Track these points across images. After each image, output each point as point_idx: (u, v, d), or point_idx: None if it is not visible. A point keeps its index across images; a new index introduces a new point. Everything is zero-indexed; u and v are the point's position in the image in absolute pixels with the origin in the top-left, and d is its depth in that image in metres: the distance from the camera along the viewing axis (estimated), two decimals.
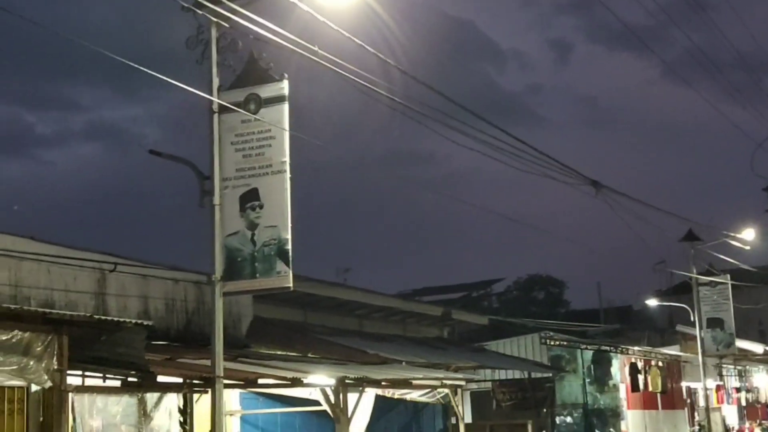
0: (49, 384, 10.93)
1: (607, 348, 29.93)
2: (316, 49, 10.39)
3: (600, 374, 29.85)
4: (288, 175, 11.47)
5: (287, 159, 11.50)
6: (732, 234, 30.91)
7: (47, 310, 11.50)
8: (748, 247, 31.25)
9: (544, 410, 27.93)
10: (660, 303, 40.63)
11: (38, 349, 10.85)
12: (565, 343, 29.63)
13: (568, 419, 29.19)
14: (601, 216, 33.16)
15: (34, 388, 11.08)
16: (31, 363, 10.75)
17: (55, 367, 10.99)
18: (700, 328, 33.24)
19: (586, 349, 29.74)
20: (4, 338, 10.55)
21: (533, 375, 28.23)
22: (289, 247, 11.35)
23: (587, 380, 29.63)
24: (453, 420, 20.63)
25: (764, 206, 34.27)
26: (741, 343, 35.99)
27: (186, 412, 13.60)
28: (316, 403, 16.23)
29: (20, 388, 11.00)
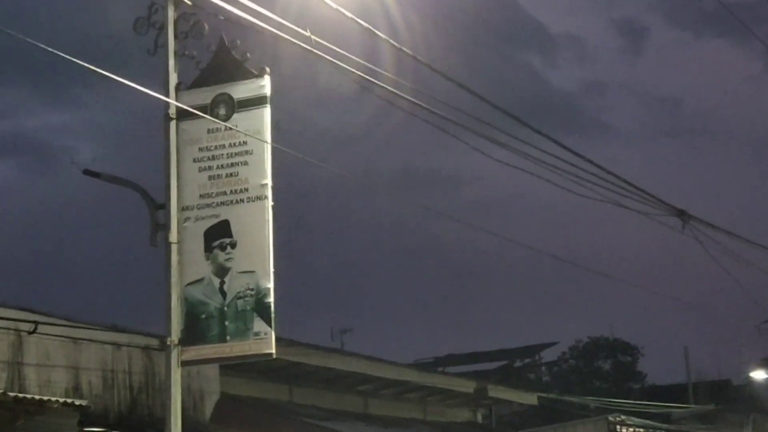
0: None
1: None
2: (307, 34, 10.45)
3: None
4: (270, 202, 11.48)
5: (269, 181, 11.53)
6: None
7: None
8: None
9: None
10: None
11: None
12: (641, 429, 29.48)
13: None
14: (689, 258, 33.02)
15: None
16: None
17: None
18: None
19: None
20: None
21: None
22: (271, 299, 11.33)
23: None
24: None
25: None
26: None
27: None
28: None
29: None
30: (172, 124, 11.84)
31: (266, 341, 11.33)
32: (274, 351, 11.38)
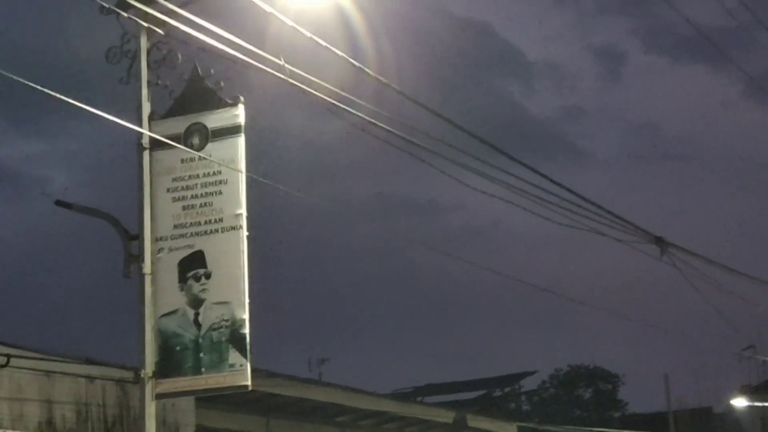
0: None
1: None
2: (281, 63, 10.47)
3: None
4: (245, 232, 11.47)
5: (244, 211, 11.52)
6: None
7: None
8: None
9: None
10: (750, 403, 40.49)
11: None
12: None
13: None
14: (668, 285, 33.10)
15: None
16: None
17: None
18: None
19: None
20: None
21: None
22: (247, 330, 11.31)
23: None
24: None
25: None
26: None
27: None
28: None
29: None
30: (146, 153, 11.82)
31: (242, 373, 11.30)
32: (249, 383, 11.35)
